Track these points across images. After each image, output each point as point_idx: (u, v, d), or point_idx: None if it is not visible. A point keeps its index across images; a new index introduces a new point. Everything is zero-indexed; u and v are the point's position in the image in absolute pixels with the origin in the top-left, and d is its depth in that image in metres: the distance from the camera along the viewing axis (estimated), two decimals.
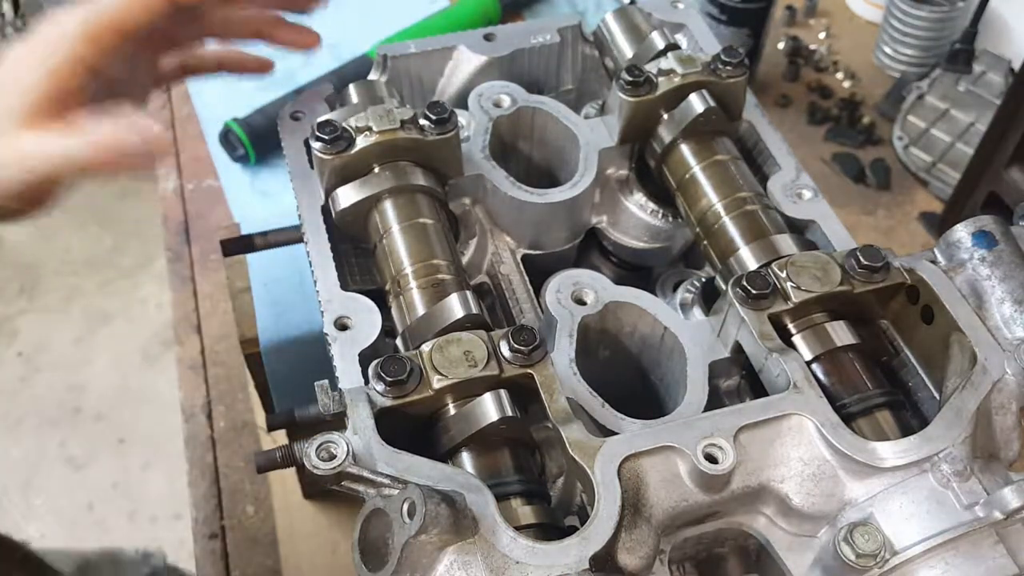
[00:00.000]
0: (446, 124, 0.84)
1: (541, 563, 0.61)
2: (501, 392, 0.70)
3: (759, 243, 0.81)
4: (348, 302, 0.78)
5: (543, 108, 0.93)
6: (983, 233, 0.75)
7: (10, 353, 3.16)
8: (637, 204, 0.94)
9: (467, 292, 0.77)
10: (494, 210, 0.91)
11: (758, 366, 0.74)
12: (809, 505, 0.68)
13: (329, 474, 0.63)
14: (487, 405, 0.70)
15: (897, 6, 1.77)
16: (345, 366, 0.74)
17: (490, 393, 0.70)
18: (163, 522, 2.77)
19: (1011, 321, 0.72)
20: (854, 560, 0.62)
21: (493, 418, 0.69)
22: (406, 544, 0.58)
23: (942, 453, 0.66)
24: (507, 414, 0.69)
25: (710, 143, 0.89)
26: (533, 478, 0.72)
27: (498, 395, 0.70)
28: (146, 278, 3.35)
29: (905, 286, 0.76)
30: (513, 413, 0.70)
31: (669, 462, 0.67)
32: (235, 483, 1.34)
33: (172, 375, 1.47)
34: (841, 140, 1.72)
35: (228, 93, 1.70)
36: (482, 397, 0.70)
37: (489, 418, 0.69)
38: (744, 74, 0.89)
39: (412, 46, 0.98)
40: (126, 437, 2.96)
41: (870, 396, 0.73)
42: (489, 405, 0.70)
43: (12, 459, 2.91)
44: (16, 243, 3.44)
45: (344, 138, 0.83)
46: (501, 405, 0.69)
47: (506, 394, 0.70)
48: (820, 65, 1.86)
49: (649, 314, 0.80)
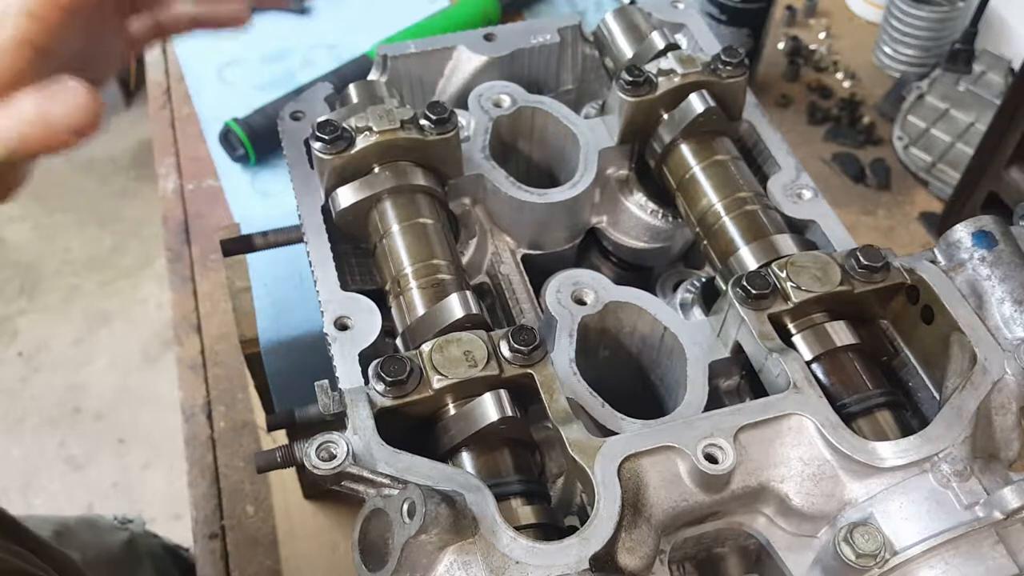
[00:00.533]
0: (446, 124, 0.84)
1: (541, 563, 0.61)
2: (501, 392, 0.70)
3: (759, 243, 0.81)
4: (348, 302, 0.78)
5: (543, 108, 0.93)
6: (983, 233, 0.75)
7: (10, 353, 3.16)
8: (637, 204, 0.94)
9: (467, 292, 0.77)
10: (494, 210, 0.91)
11: (758, 366, 0.74)
12: (809, 505, 0.68)
13: (329, 474, 0.63)
14: (487, 405, 0.70)
15: (897, 6, 1.77)
16: (345, 366, 0.74)
17: (490, 393, 0.70)
18: (163, 522, 2.77)
19: (1011, 321, 0.72)
20: (854, 560, 0.62)
21: (493, 418, 0.69)
22: (406, 544, 0.58)
23: (942, 453, 0.66)
24: (507, 414, 0.69)
25: (710, 143, 0.89)
26: (533, 478, 0.72)
27: (498, 395, 0.70)
28: (146, 278, 3.35)
29: (905, 286, 0.76)
30: (513, 413, 0.70)
31: (669, 462, 0.67)
32: (235, 483, 1.34)
33: (172, 375, 1.47)
34: (841, 140, 1.73)
35: (228, 93, 1.71)
36: (482, 397, 0.70)
37: (489, 418, 0.69)
38: (744, 74, 0.89)
39: (412, 46, 0.98)
40: (126, 437, 2.96)
41: (870, 396, 0.73)
42: (489, 405, 0.70)
43: (12, 459, 2.91)
44: (16, 243, 3.45)
45: (344, 138, 0.83)
46: (501, 405, 0.69)
47: (506, 394, 0.70)
48: (820, 65, 1.86)
49: (649, 314, 0.80)
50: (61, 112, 0.68)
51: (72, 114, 0.68)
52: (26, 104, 0.68)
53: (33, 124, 0.68)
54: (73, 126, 0.68)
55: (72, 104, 0.68)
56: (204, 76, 1.75)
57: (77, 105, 0.68)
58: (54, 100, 0.68)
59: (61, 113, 0.68)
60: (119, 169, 3.63)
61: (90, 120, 0.69)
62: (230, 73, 1.74)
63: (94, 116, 0.69)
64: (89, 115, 0.69)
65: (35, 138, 0.68)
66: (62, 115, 0.68)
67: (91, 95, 0.69)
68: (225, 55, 1.77)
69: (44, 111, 0.68)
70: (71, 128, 0.68)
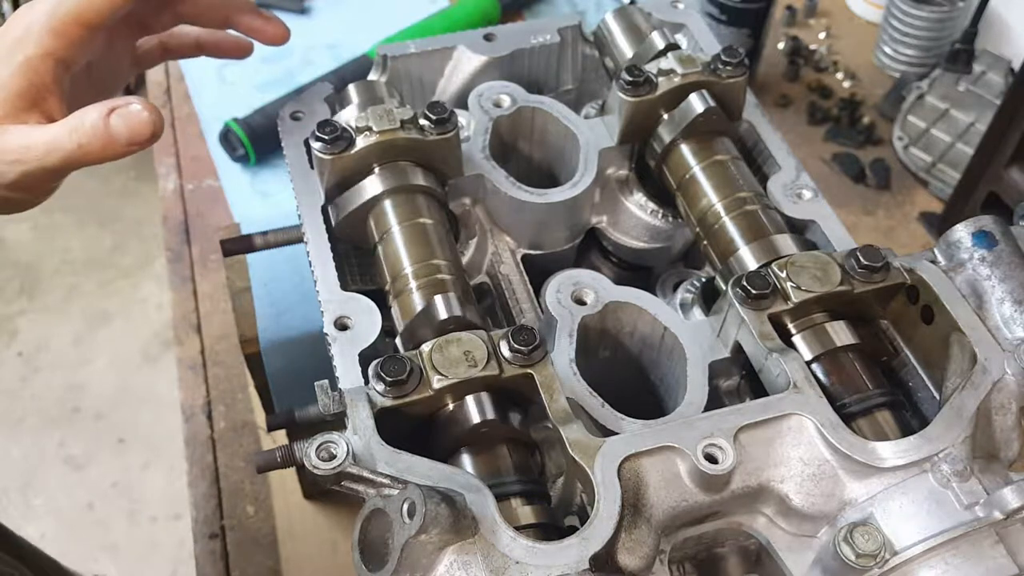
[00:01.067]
0: (446, 124, 0.84)
1: (541, 563, 0.61)
2: (483, 395, 0.71)
3: (759, 243, 0.81)
4: (348, 302, 0.78)
5: (543, 108, 0.93)
6: (983, 233, 0.75)
7: (10, 353, 3.16)
8: (637, 204, 0.94)
9: (450, 294, 0.77)
10: (494, 210, 0.91)
11: (758, 366, 0.74)
12: (809, 505, 0.68)
13: (329, 474, 0.63)
14: (469, 408, 0.70)
15: (897, 6, 1.77)
16: (345, 366, 0.74)
17: (471, 396, 0.71)
18: (163, 522, 2.77)
19: (1011, 321, 0.72)
20: (854, 560, 0.62)
21: (474, 421, 0.69)
22: (406, 544, 0.58)
23: (942, 453, 0.66)
24: (488, 417, 0.70)
25: (710, 143, 0.89)
26: (533, 478, 0.72)
27: (479, 398, 0.70)
28: (146, 278, 3.35)
29: (905, 286, 0.76)
30: (495, 416, 0.70)
31: (669, 462, 0.67)
32: (235, 483, 1.34)
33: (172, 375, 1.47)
34: (841, 140, 1.72)
35: (228, 93, 1.71)
36: (464, 400, 0.70)
37: (471, 421, 0.70)
38: (744, 74, 0.89)
39: (412, 46, 0.98)
40: (126, 437, 2.96)
41: (870, 396, 0.73)
42: (471, 408, 0.70)
43: (12, 459, 2.91)
44: (16, 243, 3.44)
45: (344, 138, 0.83)
46: (482, 408, 0.70)
47: (488, 396, 0.71)
48: (820, 65, 1.86)
49: (649, 314, 0.80)
50: (124, 126, 0.74)
51: (135, 128, 0.74)
52: (91, 116, 0.74)
53: (96, 135, 0.74)
54: (134, 139, 0.74)
55: (136, 120, 0.74)
56: (204, 76, 1.75)
57: (141, 120, 0.74)
58: (119, 115, 0.74)
59: (124, 127, 0.74)
60: (119, 169, 3.63)
61: (150, 135, 0.75)
62: (230, 73, 1.74)
63: (155, 131, 0.75)
64: (151, 130, 0.75)
65: (93, 148, 0.74)
66: (124, 129, 0.74)
67: (154, 112, 0.75)
68: None
69: (108, 124, 0.74)
70: (131, 141, 0.74)
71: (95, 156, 0.74)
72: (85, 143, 0.73)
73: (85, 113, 0.74)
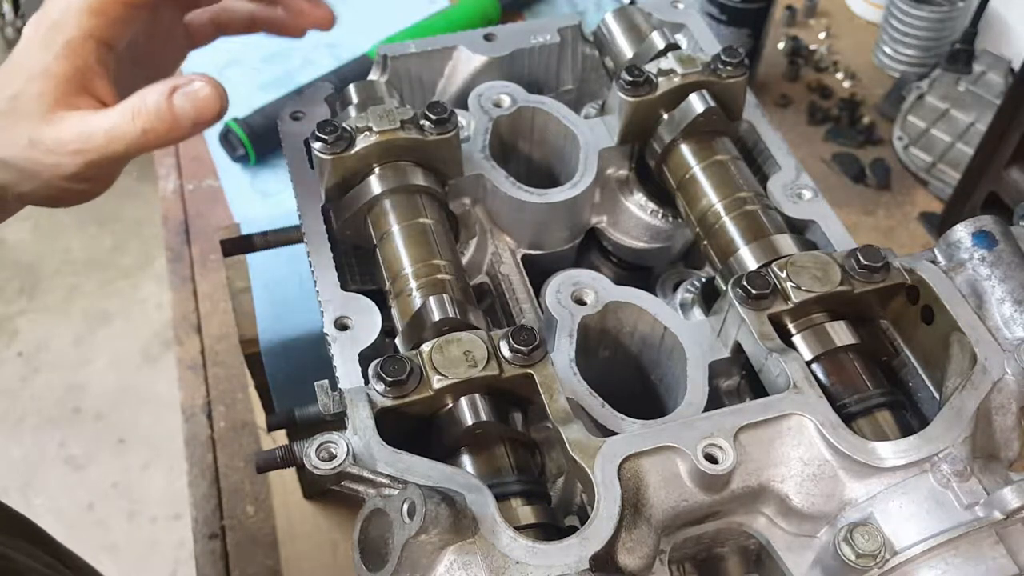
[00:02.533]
0: (446, 124, 0.84)
1: (541, 563, 0.61)
2: (476, 397, 0.71)
3: (759, 243, 0.81)
4: (348, 302, 0.78)
5: (543, 108, 0.93)
6: (983, 233, 0.75)
7: (10, 353, 3.16)
8: (637, 204, 0.94)
9: (447, 295, 0.77)
10: (494, 210, 0.91)
11: (758, 366, 0.74)
12: (809, 505, 0.68)
13: (329, 474, 0.63)
14: (462, 410, 0.70)
15: (897, 6, 1.77)
16: (345, 366, 0.74)
17: (465, 398, 0.70)
18: (163, 522, 2.77)
19: (1011, 321, 0.72)
20: (854, 560, 0.62)
21: (468, 423, 0.69)
22: (406, 544, 0.58)
23: (942, 453, 0.66)
24: (481, 419, 0.69)
25: (710, 143, 0.89)
26: (533, 478, 0.72)
27: (472, 399, 0.70)
28: (146, 278, 3.35)
29: (905, 286, 0.76)
30: (489, 417, 0.70)
31: (669, 462, 0.67)
32: (235, 483, 1.34)
33: (172, 375, 1.47)
34: (841, 140, 1.73)
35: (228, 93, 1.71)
36: (458, 401, 0.70)
37: (465, 423, 0.70)
38: (744, 74, 0.89)
39: (412, 46, 0.98)
40: (126, 437, 2.96)
41: (870, 396, 0.73)
42: (464, 410, 0.70)
43: (12, 459, 2.91)
44: (16, 243, 3.45)
45: (344, 138, 0.83)
46: (476, 410, 0.70)
47: (482, 399, 0.71)
48: (820, 65, 1.86)
49: (649, 314, 0.80)
50: (189, 105, 0.70)
51: (200, 107, 0.70)
52: (152, 98, 0.70)
53: (161, 118, 0.70)
54: (200, 119, 0.71)
55: (201, 97, 0.70)
56: None
57: (207, 97, 0.70)
58: (183, 94, 0.70)
59: (189, 106, 0.70)
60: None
61: (217, 111, 0.71)
62: (230, 73, 1.74)
63: (222, 107, 0.71)
64: (218, 106, 0.71)
65: (159, 131, 0.70)
66: (190, 108, 0.70)
67: (218, 88, 0.71)
68: (225, 55, 1.76)
69: (172, 105, 0.70)
70: (197, 121, 0.71)
71: (161, 140, 0.70)
72: (149, 127, 0.69)
73: (145, 94, 0.70)
